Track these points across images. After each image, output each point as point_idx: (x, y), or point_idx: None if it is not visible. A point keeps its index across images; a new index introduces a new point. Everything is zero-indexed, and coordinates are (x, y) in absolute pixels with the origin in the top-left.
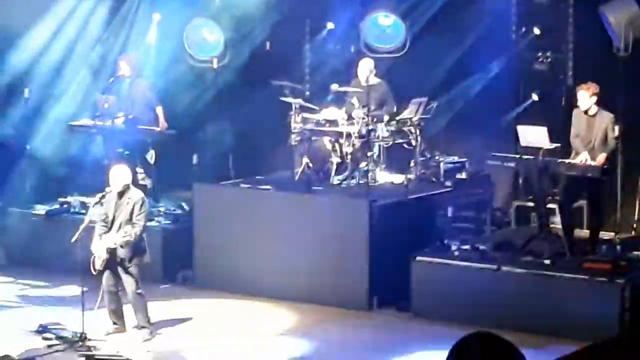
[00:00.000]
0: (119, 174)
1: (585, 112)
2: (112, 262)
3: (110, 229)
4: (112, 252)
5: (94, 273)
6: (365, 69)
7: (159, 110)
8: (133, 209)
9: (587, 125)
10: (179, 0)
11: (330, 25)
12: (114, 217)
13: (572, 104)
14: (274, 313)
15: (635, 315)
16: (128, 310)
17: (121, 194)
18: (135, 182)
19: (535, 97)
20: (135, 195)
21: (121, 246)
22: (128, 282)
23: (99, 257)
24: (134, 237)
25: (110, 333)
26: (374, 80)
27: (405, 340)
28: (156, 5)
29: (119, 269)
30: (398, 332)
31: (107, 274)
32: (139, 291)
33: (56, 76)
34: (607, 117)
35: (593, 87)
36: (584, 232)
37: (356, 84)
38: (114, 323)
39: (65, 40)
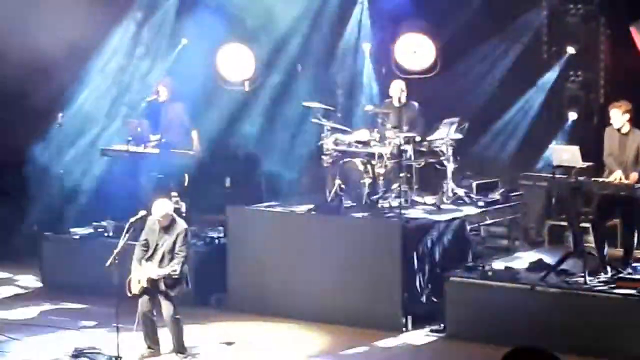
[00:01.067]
0: (163, 208)
1: (618, 130)
2: (152, 288)
3: (152, 256)
4: (153, 281)
5: (129, 295)
6: (397, 90)
7: (194, 134)
8: (176, 240)
9: (619, 144)
10: (211, 24)
11: (365, 46)
12: (156, 245)
13: (605, 122)
14: (308, 335)
15: None
16: (163, 334)
17: (165, 226)
18: None
19: (573, 115)
20: (180, 226)
21: (164, 278)
22: (166, 307)
23: (139, 282)
24: (179, 271)
25: (145, 357)
26: (405, 100)
27: None
28: (189, 28)
29: (159, 295)
30: (432, 353)
31: (144, 297)
32: (177, 316)
33: (89, 100)
34: (639, 135)
35: (625, 105)
36: (617, 251)
37: (388, 105)
38: (149, 347)
39: (98, 64)
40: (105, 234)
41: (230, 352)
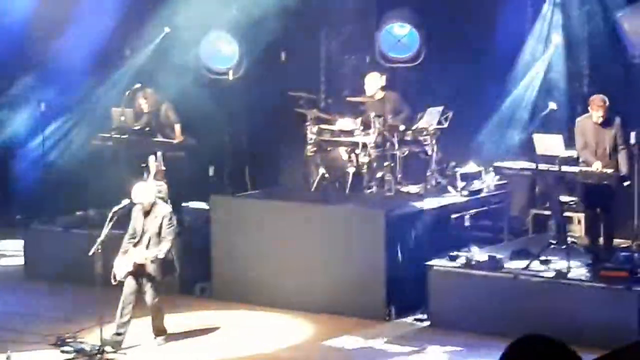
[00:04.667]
0: (143, 191)
1: (594, 122)
2: (138, 273)
3: (138, 242)
4: (140, 266)
5: (114, 283)
6: (373, 83)
7: (177, 127)
8: (161, 224)
9: (595, 134)
10: (195, 13)
11: (342, 34)
12: (142, 231)
13: (588, 112)
14: (292, 324)
15: None
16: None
17: (148, 210)
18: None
19: (553, 105)
20: (163, 209)
21: (151, 261)
22: (150, 293)
23: (124, 268)
24: (165, 252)
25: (107, 342)
26: (381, 94)
27: (423, 349)
28: (172, 17)
29: (145, 280)
30: (416, 341)
31: (128, 280)
32: (160, 303)
33: (72, 89)
34: (615, 121)
35: (597, 101)
36: (600, 240)
37: (369, 97)
38: (116, 333)
39: (81, 52)
40: (89, 223)
41: (214, 340)
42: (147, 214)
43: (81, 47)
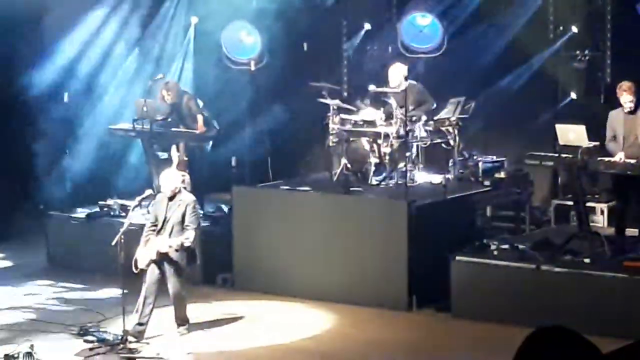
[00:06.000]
0: (170, 178)
1: (627, 111)
2: (161, 262)
3: (160, 231)
4: (163, 254)
5: (135, 271)
6: (396, 74)
7: (199, 118)
8: (185, 212)
9: (625, 124)
10: (217, 3)
11: (366, 26)
12: (165, 219)
13: (611, 101)
14: (314, 314)
15: None
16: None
17: (172, 197)
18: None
19: (573, 95)
20: (187, 197)
21: (176, 250)
22: (173, 283)
23: (147, 257)
24: (193, 240)
25: (129, 333)
26: (404, 85)
27: (445, 340)
28: (194, 8)
29: (168, 269)
30: (438, 332)
31: (151, 269)
32: (183, 292)
33: (95, 80)
34: None
35: (625, 85)
36: (624, 231)
37: (392, 88)
38: (139, 323)
39: (103, 43)
40: (111, 213)
41: (236, 331)
42: (170, 199)
43: (104, 37)
